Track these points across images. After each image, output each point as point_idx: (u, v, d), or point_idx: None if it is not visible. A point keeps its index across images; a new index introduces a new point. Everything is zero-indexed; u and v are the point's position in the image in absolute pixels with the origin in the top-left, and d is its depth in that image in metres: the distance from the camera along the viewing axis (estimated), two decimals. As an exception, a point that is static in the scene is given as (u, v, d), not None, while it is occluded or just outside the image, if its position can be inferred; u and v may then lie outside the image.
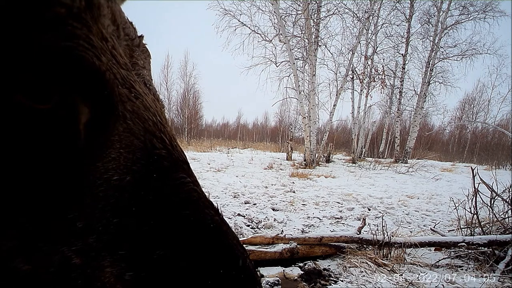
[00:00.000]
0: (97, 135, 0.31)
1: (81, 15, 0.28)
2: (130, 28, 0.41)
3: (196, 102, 29.18)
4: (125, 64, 0.34)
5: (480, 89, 26.77)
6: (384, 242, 2.55)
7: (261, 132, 45.23)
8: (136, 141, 0.33)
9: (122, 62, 0.33)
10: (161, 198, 0.33)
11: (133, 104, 0.33)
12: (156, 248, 0.31)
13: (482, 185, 2.89)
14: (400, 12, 13.69)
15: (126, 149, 0.32)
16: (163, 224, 0.33)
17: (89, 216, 0.29)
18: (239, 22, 11.25)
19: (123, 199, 0.31)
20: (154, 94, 0.41)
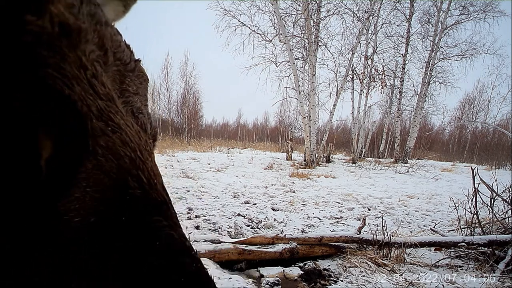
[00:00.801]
0: (60, 173, 0.27)
1: (54, 42, 0.26)
2: (124, 52, 0.38)
3: (196, 102, 29.20)
4: (105, 94, 0.31)
5: (480, 89, 26.79)
6: (384, 242, 2.55)
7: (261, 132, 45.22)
8: (106, 180, 0.30)
9: (102, 92, 0.30)
10: (130, 244, 0.30)
11: (108, 139, 0.30)
12: None
13: (482, 185, 2.89)
14: (400, 12, 13.70)
15: (93, 187, 0.29)
16: (129, 272, 0.29)
17: (45, 261, 0.27)
18: (239, 22, 11.26)
19: (83, 243, 0.28)
20: (142, 124, 0.37)
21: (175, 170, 7.06)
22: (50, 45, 0.26)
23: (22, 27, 0.24)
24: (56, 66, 0.26)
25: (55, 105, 0.25)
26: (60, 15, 0.27)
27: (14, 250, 0.26)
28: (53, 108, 0.25)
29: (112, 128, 0.31)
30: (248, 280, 2.15)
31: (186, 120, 26.82)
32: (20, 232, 0.26)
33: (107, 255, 0.29)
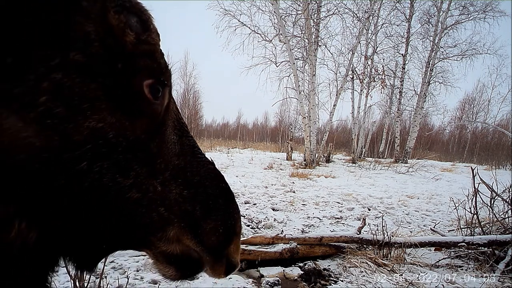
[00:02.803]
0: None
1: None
2: None
3: (196, 102, 29.22)
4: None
5: (480, 89, 26.81)
6: (384, 242, 2.54)
7: (261, 132, 45.22)
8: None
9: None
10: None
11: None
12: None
13: (482, 185, 2.89)
14: (400, 12, 13.71)
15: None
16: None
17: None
18: (239, 22, 11.26)
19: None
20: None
21: (175, 170, 7.05)
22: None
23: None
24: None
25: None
26: None
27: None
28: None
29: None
30: (248, 280, 2.15)
31: (186, 120, 26.76)
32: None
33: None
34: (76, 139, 0.27)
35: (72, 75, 0.27)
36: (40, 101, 0.25)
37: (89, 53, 0.28)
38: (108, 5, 0.30)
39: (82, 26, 0.28)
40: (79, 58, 0.27)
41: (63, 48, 0.26)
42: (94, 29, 0.28)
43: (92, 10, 0.28)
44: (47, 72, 0.25)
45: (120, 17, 0.30)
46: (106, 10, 0.29)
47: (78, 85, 0.27)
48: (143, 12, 0.34)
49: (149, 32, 0.33)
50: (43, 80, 0.25)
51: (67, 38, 0.27)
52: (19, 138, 0.25)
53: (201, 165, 0.46)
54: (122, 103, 0.31)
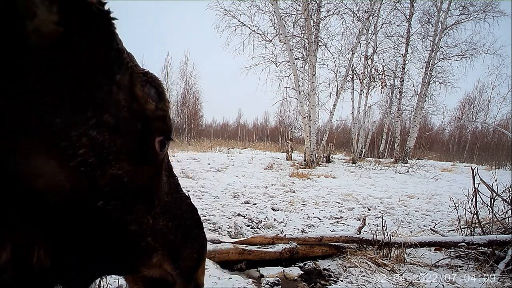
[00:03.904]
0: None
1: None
2: None
3: (196, 102, 29.19)
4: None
5: (480, 89, 26.80)
6: (384, 242, 2.55)
7: (261, 132, 45.22)
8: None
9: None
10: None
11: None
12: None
13: (482, 185, 2.89)
14: (400, 12, 13.70)
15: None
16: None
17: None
18: (239, 22, 11.26)
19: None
20: None
21: (175, 170, 6.99)
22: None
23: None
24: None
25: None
26: None
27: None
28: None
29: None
30: (248, 280, 2.15)
31: (186, 120, 26.82)
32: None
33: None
34: (100, 183, 0.34)
35: (104, 133, 0.34)
36: (79, 153, 0.32)
37: (118, 116, 0.36)
38: (135, 79, 0.38)
39: (116, 96, 0.35)
40: (111, 120, 0.34)
41: (100, 112, 0.33)
42: (124, 98, 0.36)
43: (123, 83, 0.36)
44: (86, 130, 0.32)
45: (144, 89, 0.39)
46: (134, 83, 0.38)
47: (107, 141, 0.34)
48: (160, 85, 0.43)
49: (164, 101, 0.42)
50: (83, 136, 0.32)
51: (104, 105, 0.34)
52: (54, 181, 0.31)
53: (182, 200, 0.54)
54: (138, 154, 0.39)
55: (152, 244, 0.44)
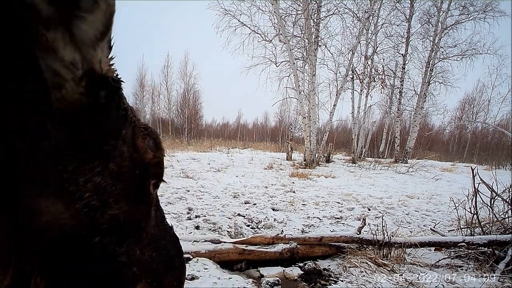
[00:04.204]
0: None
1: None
2: None
3: (196, 102, 29.19)
4: None
5: (480, 89, 26.80)
6: (384, 242, 2.55)
7: (261, 132, 45.22)
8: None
9: None
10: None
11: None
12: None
13: (482, 185, 2.89)
14: (400, 12, 13.70)
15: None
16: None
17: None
18: (239, 22, 11.25)
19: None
20: None
21: (175, 170, 7.06)
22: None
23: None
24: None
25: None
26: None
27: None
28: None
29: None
30: (248, 280, 2.15)
31: (186, 120, 26.82)
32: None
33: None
34: (99, 222, 0.38)
35: (107, 179, 0.38)
36: (85, 197, 0.36)
37: (121, 164, 0.40)
38: (137, 132, 0.44)
39: (120, 148, 0.40)
40: (114, 168, 0.39)
41: (106, 162, 0.38)
42: (127, 149, 0.41)
43: (127, 136, 0.41)
44: (92, 177, 0.36)
45: (144, 141, 0.44)
46: (136, 136, 0.43)
47: (109, 186, 0.39)
48: (158, 137, 0.48)
49: (160, 150, 0.48)
50: (89, 182, 0.36)
51: (110, 156, 0.38)
52: (58, 219, 0.34)
53: (167, 231, 0.58)
54: (134, 196, 0.43)
55: (137, 274, 0.47)
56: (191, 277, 2.04)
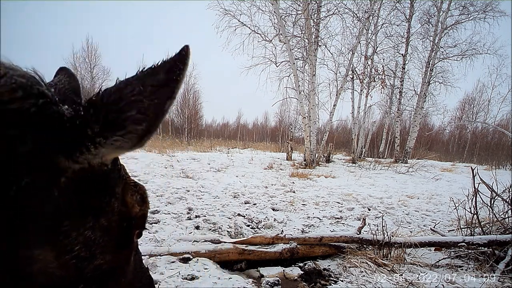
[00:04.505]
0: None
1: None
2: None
3: (196, 102, 29.17)
4: None
5: (480, 89, 26.78)
6: (384, 242, 2.55)
7: (261, 132, 45.22)
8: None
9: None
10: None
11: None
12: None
13: (482, 185, 2.89)
14: (400, 12, 13.70)
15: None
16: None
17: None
18: (239, 22, 11.25)
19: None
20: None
21: (175, 170, 7.06)
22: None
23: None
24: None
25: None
26: None
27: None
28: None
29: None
30: (248, 280, 2.15)
31: (186, 120, 26.82)
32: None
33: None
34: (85, 271, 0.40)
35: (97, 232, 0.40)
36: (75, 249, 0.37)
37: (110, 219, 0.42)
38: (127, 189, 0.47)
39: (112, 204, 0.43)
40: (104, 222, 0.41)
41: (97, 217, 0.40)
42: (117, 205, 0.44)
43: (118, 193, 0.44)
44: (84, 231, 0.38)
45: (133, 197, 0.48)
46: (126, 192, 0.46)
47: (98, 239, 0.41)
48: (144, 192, 0.51)
49: (146, 204, 0.51)
50: (80, 236, 0.38)
51: (102, 211, 0.41)
52: (47, 268, 0.35)
53: (143, 273, 0.61)
54: (119, 246, 0.46)
55: None
56: (191, 277, 2.04)
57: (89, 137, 0.34)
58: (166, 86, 0.36)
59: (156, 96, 0.35)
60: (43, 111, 0.32)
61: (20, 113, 0.31)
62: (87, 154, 0.35)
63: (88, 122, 0.34)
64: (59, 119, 0.34)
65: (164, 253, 2.28)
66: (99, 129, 0.34)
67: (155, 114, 0.35)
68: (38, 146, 0.32)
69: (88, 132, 0.34)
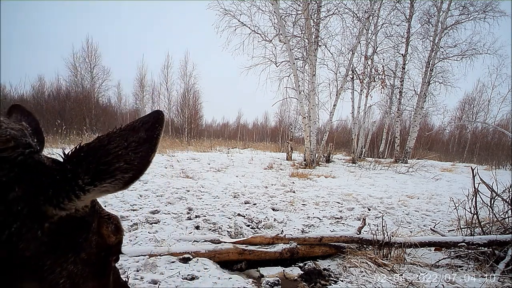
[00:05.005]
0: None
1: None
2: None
3: (196, 102, 29.14)
4: None
5: (480, 89, 26.74)
6: (384, 242, 2.55)
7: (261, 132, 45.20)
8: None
9: None
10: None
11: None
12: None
13: (482, 185, 2.89)
14: (400, 12, 13.68)
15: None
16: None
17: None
18: (239, 22, 11.24)
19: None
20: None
21: (175, 170, 7.06)
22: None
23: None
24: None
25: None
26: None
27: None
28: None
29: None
30: (248, 280, 2.15)
31: (186, 120, 26.81)
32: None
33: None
34: None
35: (78, 265, 0.44)
36: (60, 282, 0.42)
37: (90, 252, 0.47)
38: (102, 222, 0.51)
39: (90, 238, 0.47)
40: (84, 256, 0.45)
41: (77, 252, 0.44)
42: (95, 238, 0.48)
43: (94, 227, 0.48)
44: (66, 266, 0.42)
45: (108, 228, 0.51)
46: (100, 225, 0.50)
47: (79, 270, 0.45)
48: (118, 221, 0.55)
49: (120, 232, 0.55)
50: (64, 270, 0.42)
51: (81, 247, 0.45)
52: None
53: (122, 287, 0.64)
54: (99, 272, 0.50)
55: None
56: (191, 277, 2.04)
57: (80, 187, 0.39)
58: (148, 142, 0.42)
59: (140, 150, 0.42)
60: (29, 159, 0.38)
61: (9, 161, 0.36)
62: (77, 201, 0.40)
63: (79, 173, 0.39)
64: (44, 167, 0.39)
65: (164, 253, 2.28)
66: (90, 179, 0.39)
67: (141, 164, 0.41)
68: (26, 193, 0.36)
69: (79, 182, 0.39)
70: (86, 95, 22.75)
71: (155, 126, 0.43)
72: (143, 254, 2.24)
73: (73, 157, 0.40)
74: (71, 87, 23.55)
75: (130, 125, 0.44)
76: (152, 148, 0.43)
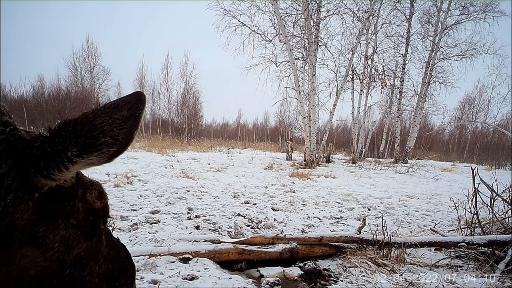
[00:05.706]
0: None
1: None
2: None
3: (196, 102, 29.12)
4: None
5: (480, 89, 26.73)
6: (384, 242, 2.55)
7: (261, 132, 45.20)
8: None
9: None
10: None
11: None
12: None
13: (482, 185, 2.89)
14: (400, 12, 13.68)
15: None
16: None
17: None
18: (239, 22, 11.24)
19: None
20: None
21: (175, 170, 7.06)
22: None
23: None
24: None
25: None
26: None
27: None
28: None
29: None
30: (248, 280, 2.15)
31: (186, 120, 26.80)
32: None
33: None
34: (66, 260, 0.48)
35: (69, 230, 0.48)
36: (55, 246, 0.46)
37: (78, 217, 0.51)
38: (86, 189, 0.54)
39: (77, 205, 0.51)
40: (73, 221, 0.49)
41: (67, 219, 0.48)
42: (81, 204, 0.52)
43: (79, 195, 0.52)
44: (58, 231, 0.46)
45: (92, 194, 0.55)
46: (85, 193, 0.54)
47: (71, 234, 0.49)
48: (100, 187, 0.59)
49: (104, 196, 0.59)
50: (57, 235, 0.46)
51: (70, 214, 0.49)
52: (35, 262, 0.43)
53: (116, 244, 0.69)
54: (89, 235, 0.54)
55: (98, 284, 0.58)
56: (191, 277, 2.04)
57: (69, 158, 0.42)
58: (131, 120, 0.46)
59: (124, 126, 0.45)
60: (11, 137, 0.40)
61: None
62: (65, 172, 0.43)
63: (67, 146, 0.42)
64: (29, 142, 0.42)
65: (164, 253, 2.28)
66: (78, 151, 0.42)
67: (125, 139, 0.45)
68: (14, 168, 0.39)
69: (68, 154, 0.42)
70: (86, 95, 22.79)
71: (137, 105, 0.47)
72: (143, 254, 2.24)
73: (61, 130, 0.43)
74: (71, 87, 23.58)
75: (113, 103, 0.47)
76: (135, 125, 0.46)
